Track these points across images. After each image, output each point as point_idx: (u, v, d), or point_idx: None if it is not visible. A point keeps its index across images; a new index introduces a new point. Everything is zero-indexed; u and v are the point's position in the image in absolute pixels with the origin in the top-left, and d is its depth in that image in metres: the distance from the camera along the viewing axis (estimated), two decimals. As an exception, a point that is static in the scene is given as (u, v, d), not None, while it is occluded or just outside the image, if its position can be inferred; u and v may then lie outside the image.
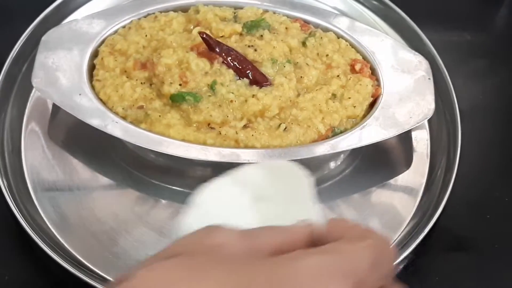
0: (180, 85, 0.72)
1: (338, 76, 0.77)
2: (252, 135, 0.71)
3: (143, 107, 0.72)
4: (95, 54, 0.76)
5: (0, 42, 0.83)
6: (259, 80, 0.74)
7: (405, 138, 0.80)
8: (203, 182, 0.75)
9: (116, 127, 0.70)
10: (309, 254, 0.39)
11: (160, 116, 0.71)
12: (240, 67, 0.74)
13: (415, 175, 0.78)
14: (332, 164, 0.78)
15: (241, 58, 0.75)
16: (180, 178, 0.75)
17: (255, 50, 0.76)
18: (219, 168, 0.74)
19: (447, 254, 0.73)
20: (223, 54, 0.74)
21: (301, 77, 0.76)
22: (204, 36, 0.74)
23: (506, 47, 0.93)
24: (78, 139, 0.77)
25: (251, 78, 0.74)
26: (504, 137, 0.84)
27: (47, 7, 0.82)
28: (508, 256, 0.73)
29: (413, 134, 0.81)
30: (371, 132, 0.73)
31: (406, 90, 0.77)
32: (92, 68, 0.75)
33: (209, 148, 0.69)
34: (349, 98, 0.75)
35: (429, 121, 0.79)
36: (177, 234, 0.52)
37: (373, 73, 0.79)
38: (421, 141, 0.81)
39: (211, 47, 0.74)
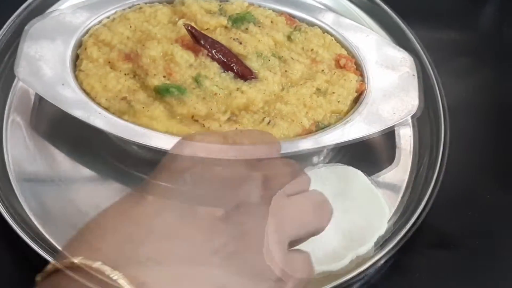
0: (164, 76, 0.72)
1: (323, 70, 0.77)
2: (236, 128, 0.71)
3: (127, 99, 0.71)
4: (79, 45, 0.76)
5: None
6: (244, 74, 0.74)
7: (389, 134, 0.80)
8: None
9: (99, 118, 0.69)
10: None
11: (143, 107, 0.70)
12: (225, 60, 0.74)
13: (399, 171, 0.78)
14: (316, 159, 0.78)
15: (226, 51, 0.74)
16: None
17: (240, 43, 0.76)
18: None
19: (430, 251, 0.73)
20: (208, 47, 0.74)
21: (286, 71, 0.76)
22: (189, 28, 0.74)
23: (491, 45, 0.93)
24: (61, 130, 0.76)
25: (236, 71, 0.74)
26: (488, 135, 0.84)
27: (30, -3, 0.82)
28: (489, 253, 0.73)
29: (398, 130, 0.81)
30: (355, 128, 0.73)
31: (390, 86, 0.77)
32: (75, 58, 0.75)
33: (192, 141, 0.69)
34: (334, 93, 0.75)
35: (414, 118, 0.79)
36: None
37: (358, 68, 0.79)
38: (406, 137, 0.81)
39: (196, 39, 0.74)
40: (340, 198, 0.71)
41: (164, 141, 0.68)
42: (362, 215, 0.70)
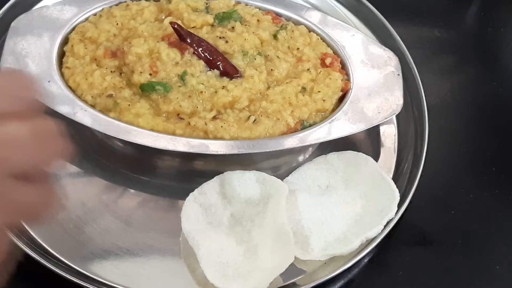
0: (150, 74, 0.72)
1: (308, 69, 0.77)
2: (221, 126, 0.71)
3: (113, 96, 0.72)
4: (65, 41, 0.76)
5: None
6: (230, 72, 0.74)
7: (373, 132, 0.80)
8: (177, 173, 0.76)
9: (85, 115, 0.69)
10: None
11: (129, 105, 0.70)
12: (211, 58, 0.74)
13: (383, 169, 0.77)
14: (301, 157, 0.78)
15: (212, 49, 0.74)
16: (148, 168, 0.75)
17: (226, 41, 0.76)
18: (188, 159, 0.75)
19: (412, 249, 0.74)
20: (194, 45, 0.74)
21: (271, 69, 0.76)
22: (176, 26, 0.74)
23: (474, 45, 0.94)
24: (46, 126, 0.76)
25: (221, 69, 0.74)
26: (470, 134, 0.85)
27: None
28: (470, 251, 0.74)
29: (381, 129, 0.81)
30: (340, 126, 0.73)
31: (375, 85, 0.77)
32: (61, 55, 0.75)
33: (177, 138, 0.69)
34: (319, 91, 0.75)
35: (397, 116, 0.80)
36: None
37: (343, 67, 0.79)
38: (389, 136, 0.81)
39: (182, 37, 0.74)
40: (351, 183, 0.72)
41: (149, 139, 0.69)
42: (373, 200, 0.71)
